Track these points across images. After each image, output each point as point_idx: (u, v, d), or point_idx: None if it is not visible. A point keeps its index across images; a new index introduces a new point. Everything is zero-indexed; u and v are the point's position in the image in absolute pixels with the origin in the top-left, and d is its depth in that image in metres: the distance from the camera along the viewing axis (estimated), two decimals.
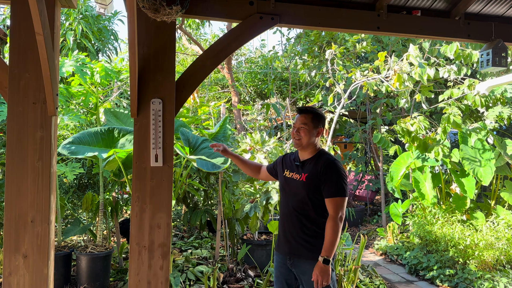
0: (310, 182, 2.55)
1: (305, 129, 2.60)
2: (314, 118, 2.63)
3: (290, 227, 2.61)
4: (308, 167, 2.59)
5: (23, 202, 2.50)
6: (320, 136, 2.67)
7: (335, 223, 2.45)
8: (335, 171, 2.52)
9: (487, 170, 5.33)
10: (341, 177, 2.52)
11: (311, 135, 2.60)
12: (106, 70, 4.07)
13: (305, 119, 2.62)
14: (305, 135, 2.60)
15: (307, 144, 2.61)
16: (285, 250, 2.64)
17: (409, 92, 5.30)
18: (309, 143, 2.61)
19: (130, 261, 2.64)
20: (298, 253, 2.56)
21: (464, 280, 4.81)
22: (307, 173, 2.58)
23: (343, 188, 2.50)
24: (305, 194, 2.56)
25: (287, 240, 2.63)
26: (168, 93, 2.69)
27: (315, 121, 2.63)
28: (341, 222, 2.47)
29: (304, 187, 2.57)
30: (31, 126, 2.52)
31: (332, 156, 2.64)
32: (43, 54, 2.32)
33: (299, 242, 2.56)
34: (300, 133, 2.62)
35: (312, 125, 2.61)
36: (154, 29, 2.63)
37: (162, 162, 2.66)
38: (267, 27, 2.97)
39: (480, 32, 3.36)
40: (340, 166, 2.57)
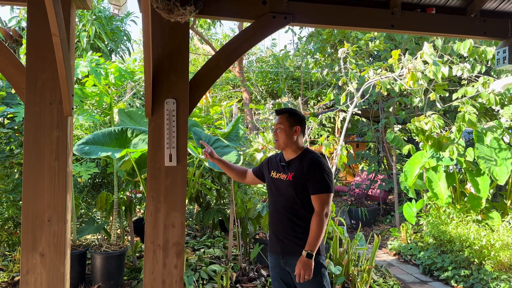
0: (297, 180, 2.60)
1: (281, 129, 2.67)
2: (288, 117, 2.69)
3: (280, 227, 2.66)
4: (294, 166, 2.65)
5: (40, 201, 2.53)
6: (299, 135, 2.69)
7: (320, 218, 2.49)
8: (319, 168, 2.57)
9: (503, 169, 5.25)
10: (326, 174, 2.57)
11: (287, 135, 2.65)
12: (120, 71, 4.10)
13: (280, 119, 2.70)
14: (281, 134, 2.67)
15: (285, 144, 2.67)
16: (277, 250, 2.68)
17: (423, 91, 5.24)
18: (287, 142, 2.66)
19: (145, 259, 2.66)
20: (291, 251, 2.59)
21: (479, 280, 4.75)
22: (293, 172, 2.63)
23: (327, 184, 2.55)
24: (293, 193, 2.60)
25: (279, 240, 2.66)
26: (182, 93, 2.71)
27: (290, 120, 2.68)
28: (326, 218, 2.52)
29: (291, 186, 2.61)
30: (48, 126, 2.56)
31: (317, 154, 2.68)
32: (59, 55, 2.35)
33: (291, 240, 2.59)
34: (277, 134, 2.69)
35: (287, 125, 2.66)
36: (168, 30, 2.64)
37: (176, 161, 2.68)
38: (280, 26, 2.97)
39: (496, 29, 3.31)
40: (325, 163, 2.61)
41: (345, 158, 5.02)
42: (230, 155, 3.81)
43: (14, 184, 4.09)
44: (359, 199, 8.48)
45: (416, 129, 5.19)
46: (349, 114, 5.28)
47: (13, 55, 2.61)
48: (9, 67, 2.58)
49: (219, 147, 3.86)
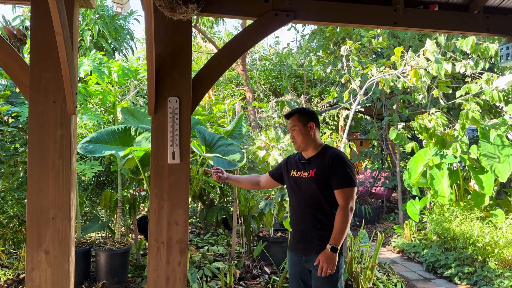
0: (319, 176, 2.60)
1: (296, 130, 2.68)
2: (299, 117, 2.70)
3: (304, 226, 2.66)
4: (315, 163, 2.65)
5: (44, 199, 2.55)
6: (315, 131, 2.70)
7: (344, 212, 2.49)
8: (342, 162, 2.57)
9: (505, 166, 5.23)
10: (349, 168, 2.56)
11: (304, 134, 2.67)
12: (123, 69, 4.12)
13: (292, 122, 2.72)
14: (298, 136, 2.68)
15: (304, 144, 2.68)
16: (300, 248, 2.68)
17: (426, 88, 5.23)
18: (306, 141, 2.67)
19: (148, 257, 2.67)
20: (314, 249, 2.58)
21: (483, 278, 4.74)
22: (315, 168, 2.63)
23: (351, 178, 2.55)
24: (316, 188, 2.60)
25: (302, 239, 2.67)
26: (185, 91, 2.71)
27: (302, 119, 2.69)
28: (351, 212, 2.51)
29: (314, 182, 2.61)
30: (52, 125, 2.57)
31: (337, 149, 2.69)
32: (63, 54, 2.36)
33: (315, 238, 2.60)
34: (294, 137, 2.70)
35: (301, 124, 2.67)
36: (170, 28, 2.65)
37: (179, 159, 2.69)
38: (283, 24, 2.96)
39: (500, 25, 3.29)
40: (346, 158, 2.62)
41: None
42: (234, 153, 3.82)
43: (19, 182, 4.12)
44: (362, 197, 8.48)
45: (419, 126, 5.19)
46: (352, 112, 5.28)
47: (17, 54, 2.63)
48: (13, 66, 2.59)
49: (222, 145, 3.87)
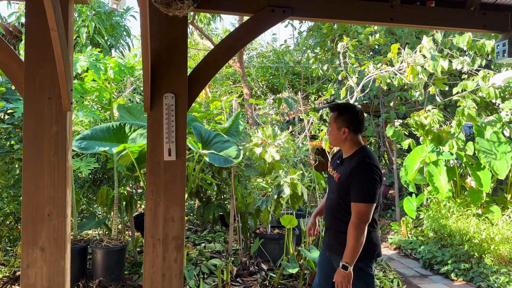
0: (340, 183, 2.51)
1: (331, 128, 2.60)
2: (336, 118, 2.56)
3: (328, 223, 2.66)
4: (342, 168, 2.55)
5: (40, 196, 2.54)
6: (350, 135, 2.52)
7: (354, 229, 2.33)
8: (362, 173, 2.38)
9: (503, 163, 5.25)
10: (367, 180, 2.37)
11: (335, 136, 2.56)
12: (119, 66, 4.10)
13: (330, 118, 2.63)
14: (330, 134, 2.62)
15: (334, 143, 2.61)
16: (325, 242, 2.71)
17: (423, 85, 5.23)
18: (337, 143, 2.59)
19: (144, 254, 2.67)
20: (333, 248, 2.59)
21: (479, 274, 4.76)
22: (340, 173, 2.54)
23: (366, 192, 2.35)
24: (337, 194, 2.54)
25: (327, 234, 2.69)
26: (181, 87, 2.70)
27: (338, 122, 2.54)
28: (363, 227, 2.34)
29: (337, 187, 2.56)
30: (47, 122, 2.56)
31: (367, 156, 2.46)
32: (58, 50, 2.34)
33: (335, 239, 2.57)
34: (329, 131, 2.64)
35: (335, 126, 2.55)
36: (166, 24, 2.64)
37: (175, 156, 2.68)
38: (279, 20, 2.96)
39: (496, 22, 3.29)
40: (370, 168, 2.39)
41: None
42: (230, 150, 3.81)
43: (15, 179, 4.10)
44: None
45: (415, 123, 5.19)
46: None
47: (12, 50, 2.61)
48: (8, 62, 2.58)
49: (218, 142, 3.86)
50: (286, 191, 3.92)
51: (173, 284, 2.70)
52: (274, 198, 3.95)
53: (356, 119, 2.56)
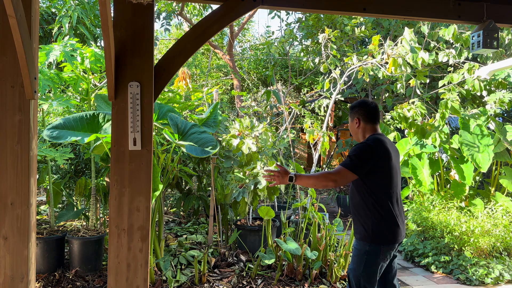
0: None
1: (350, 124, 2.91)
2: (351, 112, 2.89)
3: (352, 211, 2.83)
4: None
5: (3, 184, 2.52)
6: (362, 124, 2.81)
7: (323, 175, 2.70)
8: (354, 147, 2.71)
9: (485, 156, 5.24)
10: (353, 151, 2.67)
11: (352, 129, 2.89)
12: (96, 56, 4.06)
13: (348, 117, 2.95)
14: (350, 130, 2.93)
15: (356, 137, 2.88)
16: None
17: (404, 77, 5.20)
18: (355, 135, 2.88)
19: (109, 243, 2.66)
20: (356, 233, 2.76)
21: (458, 266, 4.78)
22: None
23: (349, 158, 2.65)
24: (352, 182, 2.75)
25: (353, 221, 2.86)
26: (146, 76, 2.68)
27: (351, 115, 2.88)
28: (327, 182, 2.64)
29: None
30: (10, 110, 2.53)
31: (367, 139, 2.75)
32: (18, 37, 2.31)
33: (357, 223, 2.75)
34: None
35: (350, 120, 2.90)
36: (130, 11, 2.61)
37: (140, 146, 2.66)
38: (250, 8, 2.92)
39: (471, 13, 3.26)
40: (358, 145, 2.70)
41: (327, 145, 5.00)
42: (207, 141, 3.79)
43: None
44: (347, 187, 8.49)
45: (398, 116, 5.17)
46: (332, 101, 5.25)
47: None
48: None
49: (195, 133, 3.84)
50: (263, 182, 3.92)
51: (139, 274, 2.69)
52: (251, 189, 3.94)
53: (365, 110, 2.83)
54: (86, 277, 4.10)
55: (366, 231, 2.65)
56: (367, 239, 2.64)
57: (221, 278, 4.18)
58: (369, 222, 2.64)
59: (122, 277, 2.68)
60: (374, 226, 2.63)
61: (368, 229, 2.63)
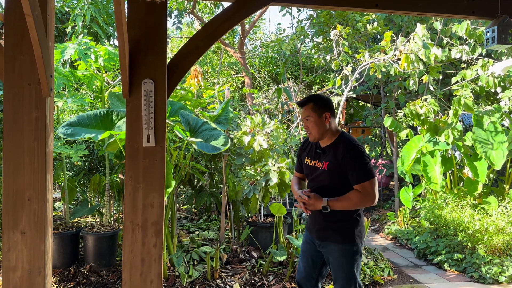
0: (332, 170, 2.55)
1: (311, 121, 2.58)
2: (314, 107, 2.59)
3: (316, 214, 2.66)
4: (329, 154, 2.59)
5: (20, 180, 2.57)
6: (331, 120, 2.60)
7: (361, 196, 2.45)
8: (357, 156, 2.49)
9: (499, 153, 5.18)
10: (364, 160, 2.49)
11: (319, 125, 2.57)
12: (109, 54, 4.11)
13: (306, 111, 2.61)
14: (312, 127, 2.59)
15: (320, 134, 2.59)
16: (314, 234, 2.71)
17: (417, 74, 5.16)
18: (322, 132, 2.58)
19: (124, 238, 2.70)
20: (326, 236, 2.62)
21: (472, 264, 4.74)
22: (329, 161, 2.57)
23: (369, 170, 2.48)
24: (328, 181, 2.58)
25: (315, 226, 2.69)
26: (160, 74, 2.70)
27: (316, 109, 2.59)
28: (370, 201, 2.47)
29: (327, 175, 2.58)
30: (26, 107, 2.58)
31: (352, 141, 2.58)
32: (34, 35, 2.36)
33: (326, 226, 2.61)
34: (308, 127, 2.61)
35: (316, 115, 2.58)
36: (144, 10, 2.64)
37: (154, 142, 2.69)
38: (261, 6, 2.93)
39: (486, 8, 3.23)
40: (362, 149, 2.53)
41: None
42: (218, 138, 3.82)
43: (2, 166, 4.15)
44: None
45: (411, 113, 5.14)
46: (343, 98, 5.23)
47: None
48: None
49: (206, 130, 3.87)
50: (274, 179, 3.93)
51: (153, 269, 2.73)
52: (262, 186, 3.95)
53: (331, 104, 2.65)
54: (100, 272, 4.17)
55: (349, 233, 2.58)
56: (351, 240, 2.57)
57: (233, 274, 4.21)
58: (352, 223, 2.58)
59: (136, 272, 2.72)
60: (356, 226, 2.60)
61: (352, 230, 2.58)
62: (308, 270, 2.77)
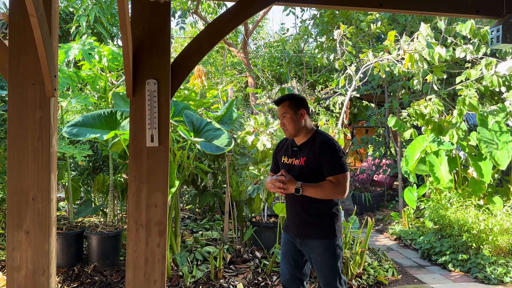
0: (309, 165, 2.62)
1: (287, 117, 2.67)
2: (290, 104, 2.69)
3: (296, 211, 2.70)
4: (305, 150, 2.66)
5: (24, 180, 2.58)
6: (306, 117, 2.70)
7: (331, 189, 2.52)
8: (331, 149, 2.58)
9: (504, 153, 5.15)
10: (338, 154, 2.58)
11: (295, 122, 2.66)
12: (113, 54, 4.12)
13: (282, 109, 2.69)
14: (288, 123, 2.67)
15: (295, 131, 2.67)
16: (293, 232, 2.73)
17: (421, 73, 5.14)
18: (297, 128, 2.67)
19: (127, 238, 2.70)
20: (306, 233, 2.65)
21: (476, 265, 4.71)
22: (305, 156, 2.64)
23: (342, 164, 2.56)
24: (306, 177, 2.61)
25: (295, 223, 2.71)
26: (164, 74, 2.71)
27: (293, 106, 2.68)
28: (340, 194, 2.54)
29: (304, 170, 2.63)
30: (31, 107, 2.59)
31: (327, 136, 2.69)
32: (38, 36, 2.36)
33: (307, 223, 2.65)
34: (284, 124, 2.69)
35: (292, 112, 2.68)
36: (147, 10, 2.64)
37: (158, 142, 2.70)
38: (265, 5, 2.93)
39: (490, 7, 3.21)
40: (336, 143, 2.62)
41: (342, 142, 4.98)
42: (221, 137, 3.82)
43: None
44: (363, 185, 8.44)
45: (415, 113, 5.12)
46: (347, 98, 5.22)
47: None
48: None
49: (210, 130, 3.87)
50: None
51: (156, 269, 2.73)
52: None
53: (306, 103, 2.74)
54: (104, 272, 4.17)
55: (331, 227, 2.62)
56: (333, 235, 2.62)
57: (236, 274, 4.21)
58: (333, 218, 2.63)
59: (140, 272, 2.72)
60: (336, 220, 2.65)
61: (333, 225, 2.63)
62: (291, 271, 2.80)
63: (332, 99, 10.25)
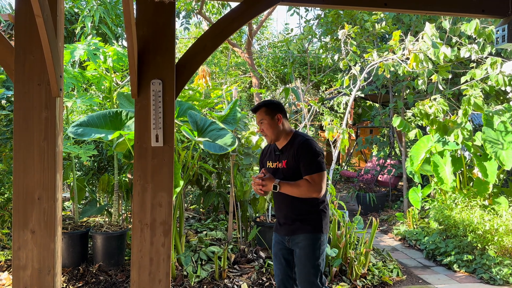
0: (291, 167, 2.70)
1: (265, 123, 2.75)
2: (266, 111, 2.77)
3: (285, 211, 2.76)
4: (286, 153, 2.75)
5: (30, 180, 2.60)
6: (283, 121, 2.77)
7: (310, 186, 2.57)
8: (308, 149, 2.64)
9: (509, 153, 5.12)
10: (315, 154, 2.64)
11: (273, 127, 2.75)
12: (118, 54, 4.14)
13: (260, 116, 2.78)
14: (267, 129, 2.75)
15: (275, 135, 2.76)
16: (282, 232, 2.80)
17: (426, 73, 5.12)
18: (277, 133, 2.75)
19: (132, 238, 2.71)
20: (294, 229, 2.71)
21: (482, 265, 4.69)
22: (287, 159, 2.73)
23: (318, 164, 2.62)
24: (291, 179, 2.68)
25: (284, 223, 2.78)
26: (168, 74, 2.72)
27: (269, 112, 2.76)
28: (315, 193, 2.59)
29: (288, 172, 2.71)
30: (36, 107, 2.60)
31: (305, 136, 2.75)
32: (44, 36, 2.38)
33: (296, 222, 2.71)
34: (263, 130, 2.77)
35: (269, 117, 2.74)
36: (152, 10, 2.65)
37: (162, 142, 2.70)
38: (269, 5, 2.93)
39: (496, 7, 3.19)
40: (313, 143, 2.69)
41: (347, 142, 4.98)
42: (225, 137, 3.83)
43: None
44: (368, 185, 8.42)
45: (419, 113, 5.10)
46: (351, 98, 5.21)
47: (3, 36, 2.67)
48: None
49: (214, 130, 3.88)
50: None
51: (161, 268, 2.74)
52: None
53: (282, 107, 2.81)
54: (109, 272, 4.19)
55: (318, 223, 2.68)
56: (319, 230, 2.68)
57: (241, 274, 4.21)
58: (320, 214, 2.69)
59: (144, 271, 2.73)
60: (324, 217, 2.71)
61: (320, 221, 2.69)
62: (283, 271, 2.84)
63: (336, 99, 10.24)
